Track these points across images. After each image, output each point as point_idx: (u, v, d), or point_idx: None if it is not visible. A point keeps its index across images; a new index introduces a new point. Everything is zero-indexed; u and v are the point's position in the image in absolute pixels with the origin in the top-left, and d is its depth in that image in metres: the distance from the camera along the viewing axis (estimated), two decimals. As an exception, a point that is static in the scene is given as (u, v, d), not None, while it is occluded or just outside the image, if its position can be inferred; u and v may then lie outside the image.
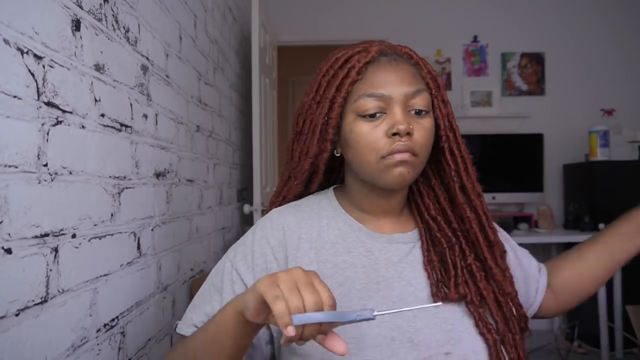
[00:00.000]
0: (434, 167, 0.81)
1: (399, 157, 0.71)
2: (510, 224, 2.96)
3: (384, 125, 0.72)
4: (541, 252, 3.33)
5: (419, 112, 0.73)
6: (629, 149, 3.05)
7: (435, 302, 0.72)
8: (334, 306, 0.54)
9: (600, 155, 2.98)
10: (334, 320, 0.53)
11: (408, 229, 0.81)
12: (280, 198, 0.86)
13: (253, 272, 0.75)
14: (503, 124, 3.39)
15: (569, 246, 3.77)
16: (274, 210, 0.83)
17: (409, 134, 0.70)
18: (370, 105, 0.72)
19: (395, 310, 0.58)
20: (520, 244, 0.92)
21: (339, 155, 0.79)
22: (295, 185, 0.83)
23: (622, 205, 1.00)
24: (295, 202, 0.84)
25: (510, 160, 3.26)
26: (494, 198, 3.15)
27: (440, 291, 0.73)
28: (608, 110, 3.14)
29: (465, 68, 3.46)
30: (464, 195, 0.78)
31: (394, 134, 0.71)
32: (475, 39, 3.46)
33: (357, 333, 0.68)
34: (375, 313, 0.55)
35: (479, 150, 3.25)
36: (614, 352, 2.83)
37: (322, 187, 0.88)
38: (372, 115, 0.73)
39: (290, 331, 0.50)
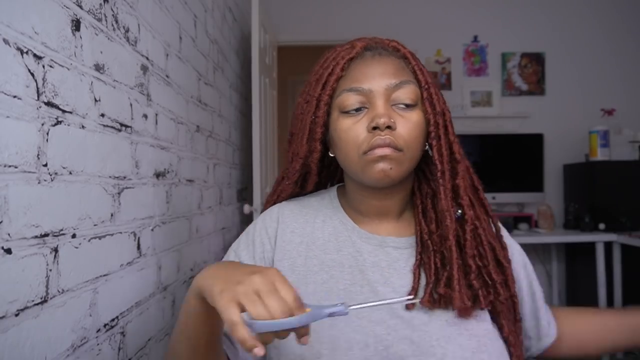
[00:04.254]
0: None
1: (379, 152, 0.68)
2: (510, 224, 2.96)
3: (365, 120, 0.70)
4: (541, 252, 3.34)
5: (407, 106, 0.70)
6: (629, 149, 3.05)
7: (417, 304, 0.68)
8: (300, 308, 0.52)
9: (600, 155, 2.98)
10: (301, 324, 0.51)
11: (406, 234, 0.77)
12: (275, 197, 0.87)
13: (254, 260, 0.77)
14: (503, 124, 3.39)
15: (569, 246, 3.75)
16: (278, 204, 0.84)
17: (389, 127, 0.67)
18: (350, 100, 0.71)
19: (369, 304, 0.58)
20: (521, 244, 0.89)
21: (333, 155, 0.78)
22: (287, 185, 0.83)
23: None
24: (299, 198, 0.85)
25: (510, 160, 3.26)
26: (494, 198, 3.16)
27: (429, 295, 0.68)
28: (608, 110, 3.14)
29: (465, 68, 3.46)
30: (447, 201, 0.72)
31: (374, 128, 0.68)
32: (475, 39, 3.46)
33: (332, 335, 0.67)
34: (351, 307, 0.55)
35: (479, 150, 3.26)
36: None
37: (324, 188, 0.88)
38: (357, 111, 0.71)
39: (259, 352, 0.48)
